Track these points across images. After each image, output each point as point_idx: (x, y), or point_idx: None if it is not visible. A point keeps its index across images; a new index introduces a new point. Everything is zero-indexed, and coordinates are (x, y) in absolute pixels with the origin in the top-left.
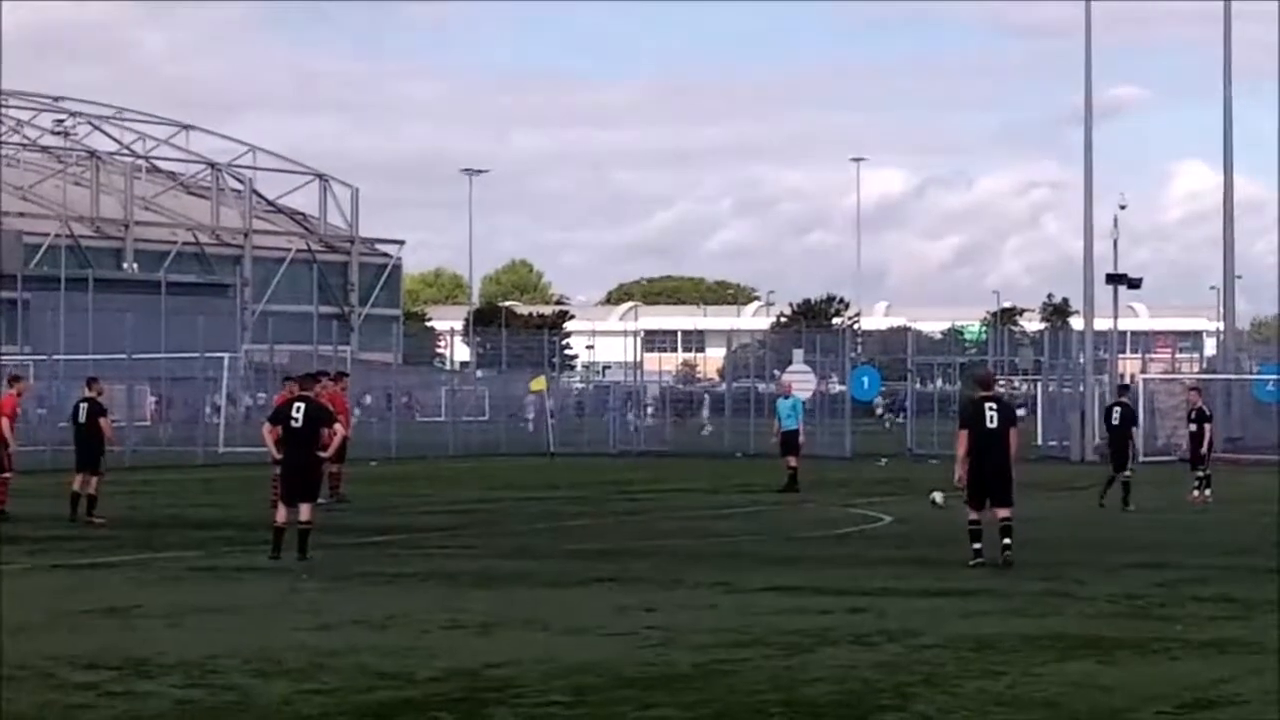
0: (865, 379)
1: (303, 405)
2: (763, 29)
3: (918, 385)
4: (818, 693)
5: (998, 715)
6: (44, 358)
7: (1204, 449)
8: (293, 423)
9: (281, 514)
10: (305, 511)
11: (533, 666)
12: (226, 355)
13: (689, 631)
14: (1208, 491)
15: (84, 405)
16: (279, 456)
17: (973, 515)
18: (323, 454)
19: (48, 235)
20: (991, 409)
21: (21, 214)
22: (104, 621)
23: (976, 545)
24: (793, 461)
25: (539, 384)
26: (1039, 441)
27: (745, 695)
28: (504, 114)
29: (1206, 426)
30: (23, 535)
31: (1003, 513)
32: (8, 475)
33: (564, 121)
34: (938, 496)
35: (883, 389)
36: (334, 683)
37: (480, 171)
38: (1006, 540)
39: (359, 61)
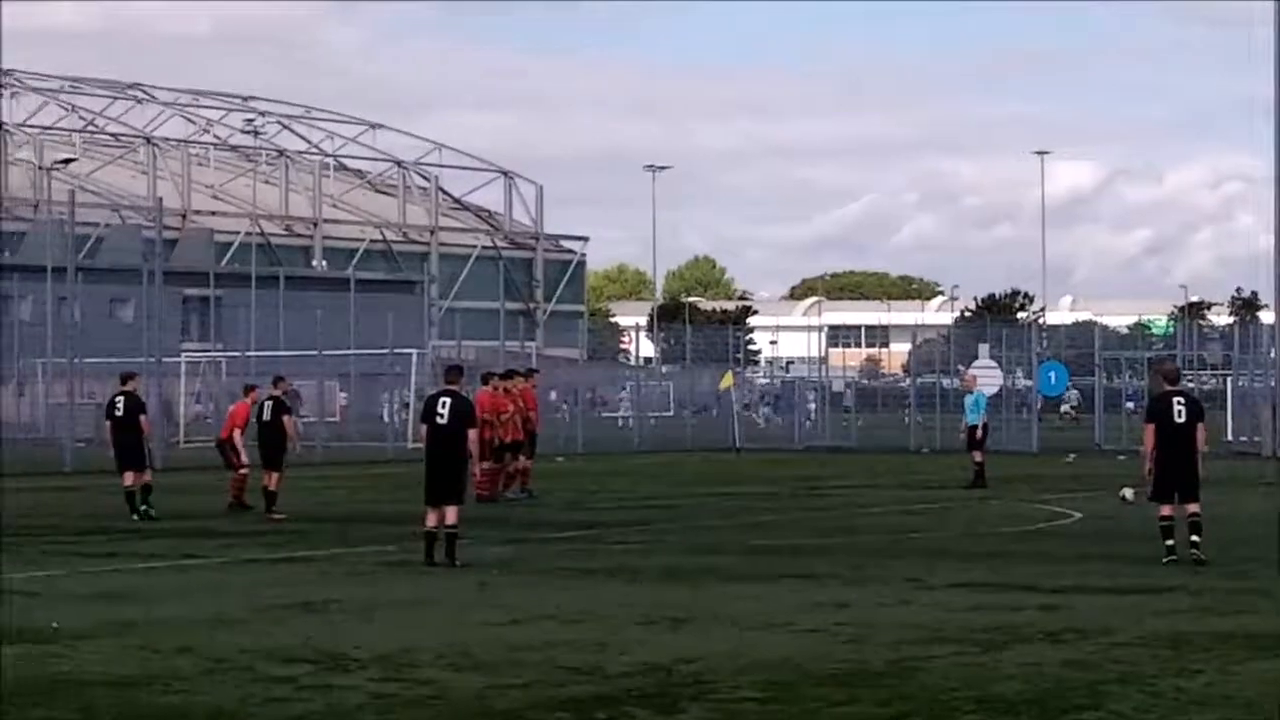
0: (1053, 374)
1: (449, 400)
2: (950, 21)
3: (1105, 380)
4: (1010, 690)
5: (1195, 714)
6: (236, 354)
7: None
8: (438, 419)
9: (431, 518)
10: (452, 514)
11: (724, 662)
12: (414, 351)
13: (880, 628)
14: None
15: (269, 403)
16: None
17: (1164, 511)
18: (469, 458)
19: (238, 233)
20: (1179, 403)
21: (213, 212)
22: (299, 616)
23: (1169, 542)
24: (979, 457)
25: (728, 380)
26: (1229, 437)
27: (938, 692)
28: (688, 109)
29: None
30: (218, 530)
31: (1191, 508)
32: (244, 471)
33: (748, 116)
34: (1128, 493)
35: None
36: (527, 677)
37: (663, 168)
38: (1195, 538)
39: (542, 58)
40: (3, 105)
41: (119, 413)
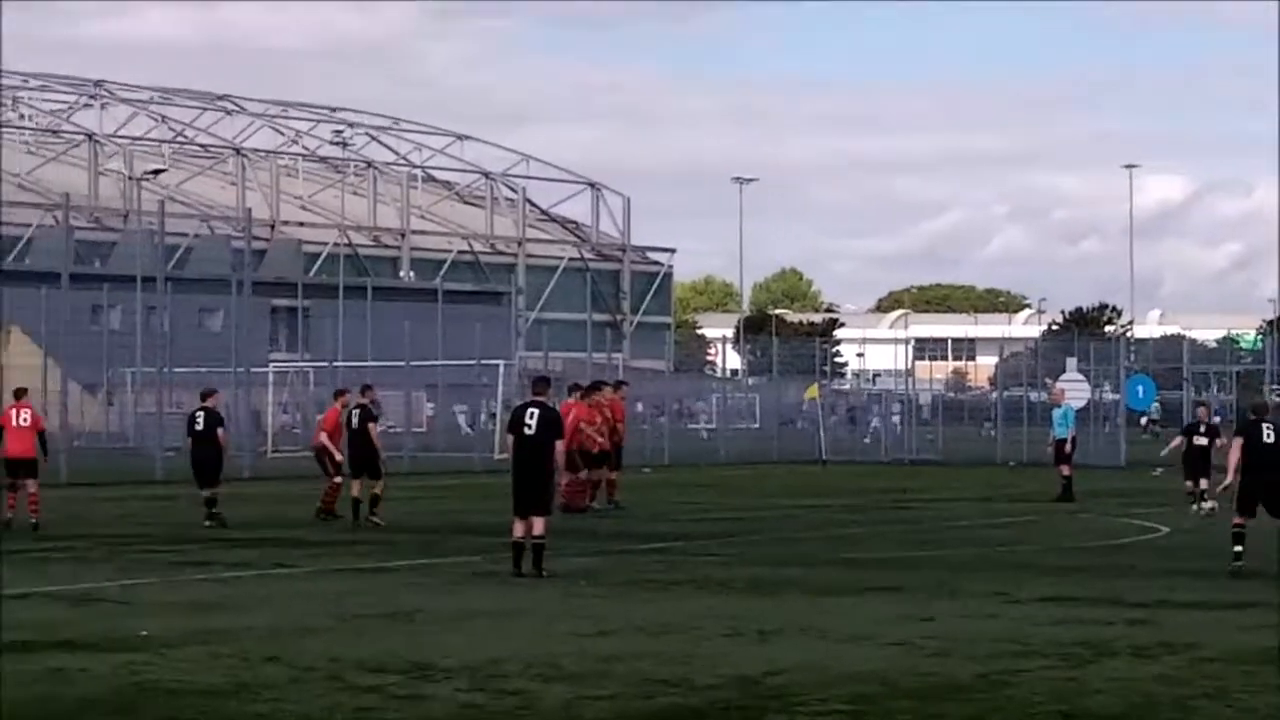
0: (1140, 388)
1: (536, 411)
2: (1037, 33)
3: (1193, 394)
4: (1099, 705)
5: None
6: (323, 364)
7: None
8: (525, 429)
9: (519, 528)
10: (539, 525)
11: (811, 674)
12: (501, 362)
13: (967, 641)
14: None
15: (356, 411)
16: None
17: (1238, 520)
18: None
19: (326, 244)
20: (1268, 427)
21: (301, 223)
22: (387, 625)
23: (1238, 548)
24: (1066, 470)
25: (813, 391)
26: None
27: (1026, 706)
28: (775, 122)
29: (1219, 440)
30: (307, 539)
31: None
32: (338, 481)
33: (836, 129)
34: (1208, 506)
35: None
36: (614, 688)
37: (750, 180)
38: None
39: (630, 71)
40: (92, 116)
41: (199, 427)
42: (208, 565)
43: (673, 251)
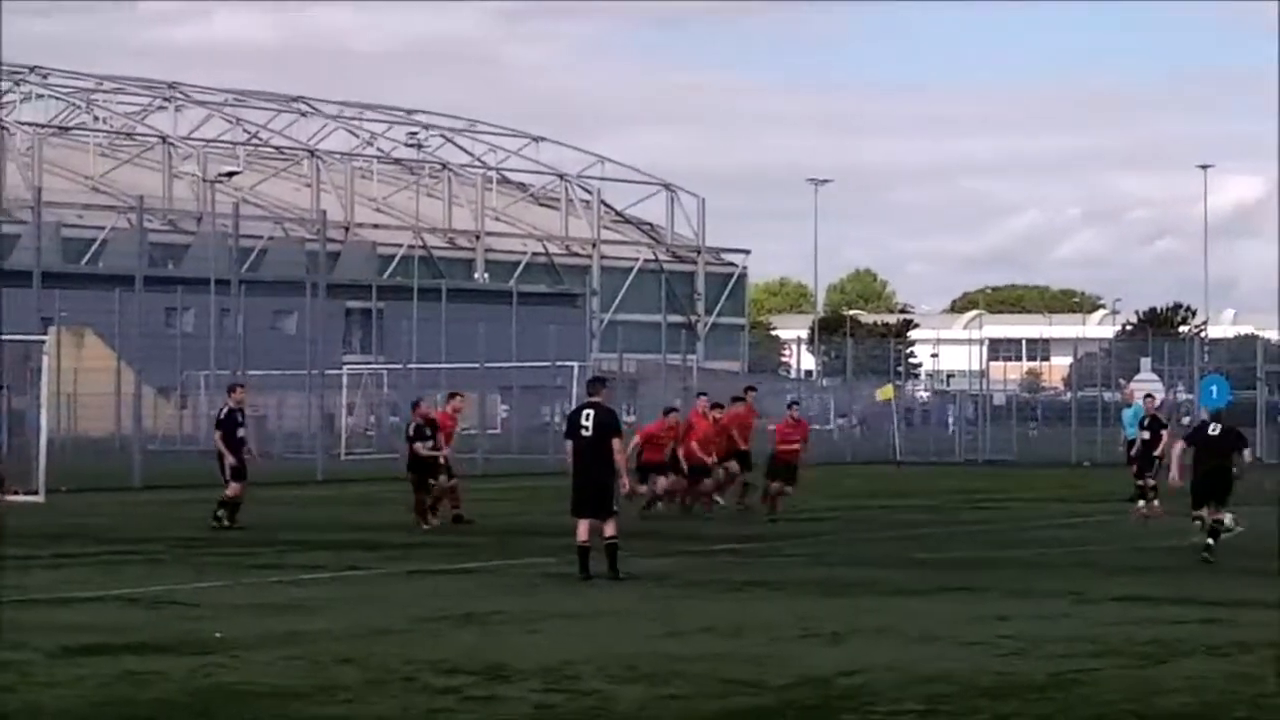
0: (1214, 388)
1: (591, 412)
2: (1110, 34)
3: (1267, 394)
4: (1173, 704)
5: None
6: (398, 366)
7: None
8: (582, 431)
9: (582, 531)
10: (610, 527)
11: (885, 675)
12: (576, 364)
13: (1042, 641)
14: (1156, 502)
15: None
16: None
17: None
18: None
19: (401, 246)
20: None
21: (376, 225)
22: (462, 627)
23: None
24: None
25: (886, 392)
26: None
27: (1100, 706)
28: (848, 124)
29: (1162, 433)
30: (379, 542)
31: None
32: (454, 482)
33: (911, 131)
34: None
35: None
36: (688, 689)
37: (825, 181)
38: None
39: (703, 73)
40: (168, 118)
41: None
42: (281, 568)
43: (747, 253)
